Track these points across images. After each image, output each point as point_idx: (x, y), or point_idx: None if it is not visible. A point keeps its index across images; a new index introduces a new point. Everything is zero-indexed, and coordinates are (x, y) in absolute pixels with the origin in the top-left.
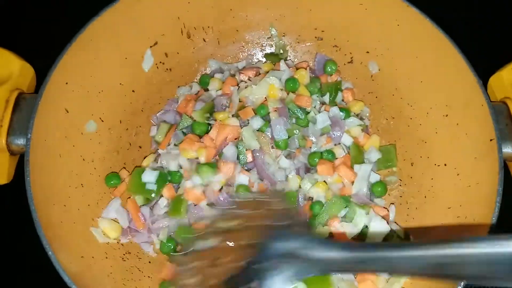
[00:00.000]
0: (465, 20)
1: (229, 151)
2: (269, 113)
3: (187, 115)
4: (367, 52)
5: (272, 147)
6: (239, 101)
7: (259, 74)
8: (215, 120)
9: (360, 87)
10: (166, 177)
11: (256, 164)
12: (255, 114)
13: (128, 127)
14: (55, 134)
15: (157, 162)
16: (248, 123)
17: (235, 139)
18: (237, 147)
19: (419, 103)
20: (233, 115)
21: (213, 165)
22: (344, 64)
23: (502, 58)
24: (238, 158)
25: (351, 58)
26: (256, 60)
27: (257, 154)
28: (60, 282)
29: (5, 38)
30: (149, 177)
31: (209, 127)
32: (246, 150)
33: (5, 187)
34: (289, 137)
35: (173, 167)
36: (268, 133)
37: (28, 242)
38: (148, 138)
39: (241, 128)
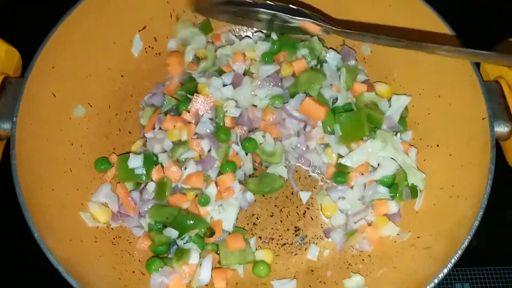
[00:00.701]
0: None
1: (202, 127)
2: None
3: (171, 97)
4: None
5: None
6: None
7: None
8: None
9: None
10: (152, 159)
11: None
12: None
13: (117, 112)
14: (42, 119)
15: (145, 147)
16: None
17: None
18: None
19: (411, 84)
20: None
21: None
22: (337, 47)
23: (494, 37)
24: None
25: (343, 40)
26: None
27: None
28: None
29: None
30: (135, 162)
31: None
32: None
33: None
34: None
35: (157, 150)
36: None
37: (17, 226)
38: (138, 123)
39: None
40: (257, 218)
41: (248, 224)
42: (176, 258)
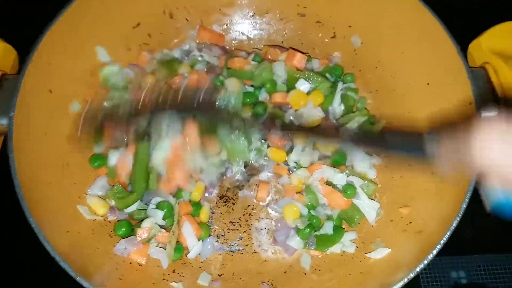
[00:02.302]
0: None
1: None
2: None
3: None
4: (350, 26)
5: None
6: None
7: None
8: None
9: (344, 61)
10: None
11: None
12: None
13: None
14: (39, 114)
15: None
16: None
17: None
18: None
19: (401, 73)
20: None
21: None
22: (327, 40)
23: (481, 25)
24: None
25: (334, 33)
26: (239, 39)
27: None
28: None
29: None
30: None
31: None
32: None
33: None
34: None
35: None
36: None
37: (16, 220)
38: None
39: None
40: (252, 209)
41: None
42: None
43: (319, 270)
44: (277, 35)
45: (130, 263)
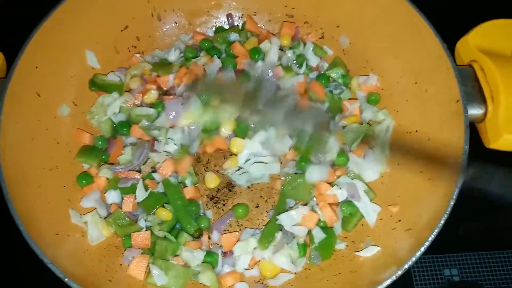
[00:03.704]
0: None
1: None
2: None
3: None
4: (338, 26)
5: None
6: None
7: None
8: None
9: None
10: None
11: None
12: None
13: None
14: (27, 118)
15: None
16: None
17: None
18: None
19: (389, 73)
20: None
21: None
22: (316, 40)
23: (468, 23)
24: None
25: (322, 33)
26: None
27: None
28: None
29: None
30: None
31: None
32: None
33: None
34: None
35: None
36: None
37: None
38: None
39: None
40: None
41: None
42: None
43: (310, 270)
44: None
45: (120, 264)
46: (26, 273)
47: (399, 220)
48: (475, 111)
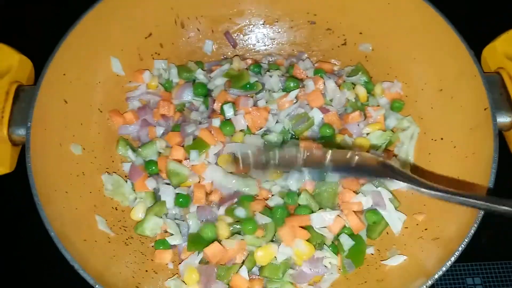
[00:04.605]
0: None
1: None
2: None
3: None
4: (360, 33)
5: None
6: None
7: None
8: None
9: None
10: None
11: None
12: None
13: None
14: (55, 124)
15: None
16: None
17: None
18: None
19: (413, 80)
20: None
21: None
22: (338, 47)
23: (495, 29)
24: None
25: (345, 40)
26: (251, 47)
27: None
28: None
29: (4, 33)
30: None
31: None
32: None
33: (8, 176)
34: None
35: None
36: None
37: (31, 229)
38: None
39: None
40: None
41: None
42: None
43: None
44: (288, 43)
45: (146, 271)
46: (54, 280)
47: (426, 229)
48: (502, 119)
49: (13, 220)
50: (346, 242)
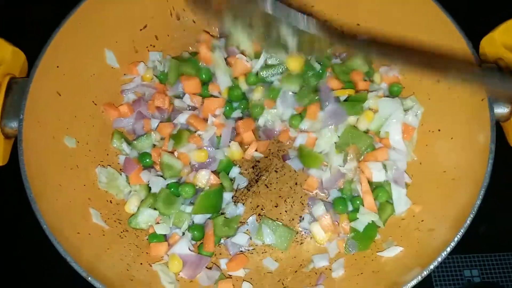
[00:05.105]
0: None
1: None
2: None
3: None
4: (358, 24)
5: None
6: None
7: None
8: None
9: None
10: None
11: None
12: None
13: None
14: (48, 117)
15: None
16: None
17: None
18: None
19: (411, 71)
20: None
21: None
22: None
23: (493, 19)
24: None
25: (342, 32)
26: None
27: None
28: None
29: (4, 33)
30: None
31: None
32: None
33: (1, 169)
34: None
35: None
36: None
37: (25, 222)
38: None
39: None
40: (262, 209)
41: (253, 215)
42: None
43: (331, 270)
44: None
45: (141, 263)
46: (49, 273)
47: (422, 220)
48: (500, 110)
49: (8, 215)
50: (364, 218)
